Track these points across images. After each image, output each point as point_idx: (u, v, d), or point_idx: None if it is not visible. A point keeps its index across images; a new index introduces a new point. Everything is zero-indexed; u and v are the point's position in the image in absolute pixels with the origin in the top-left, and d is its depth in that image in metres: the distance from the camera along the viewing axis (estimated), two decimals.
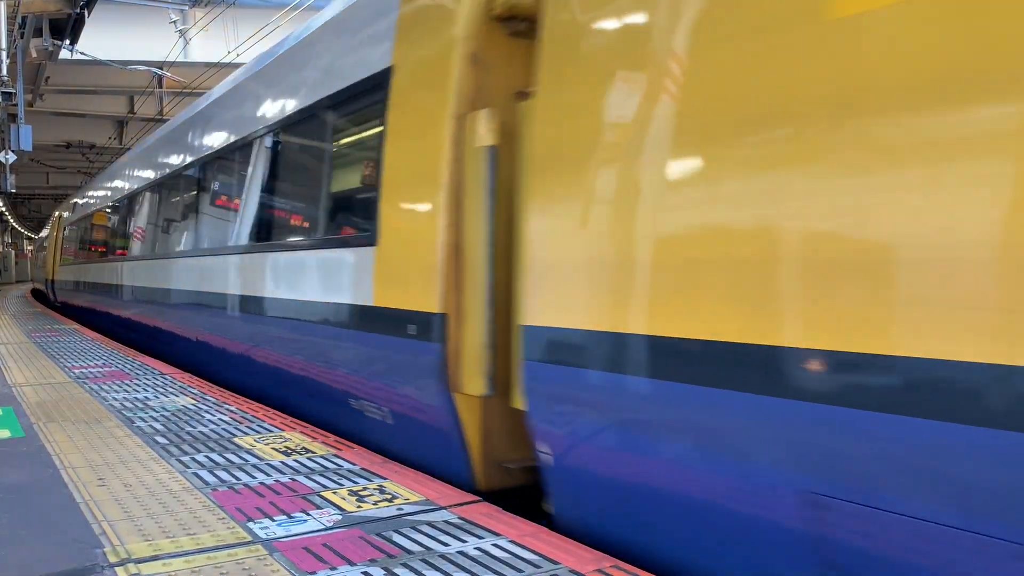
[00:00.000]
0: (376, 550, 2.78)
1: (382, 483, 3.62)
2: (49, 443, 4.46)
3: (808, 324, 2.16)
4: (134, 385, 6.72)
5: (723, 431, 2.47)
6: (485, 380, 3.57)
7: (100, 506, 3.29)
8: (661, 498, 2.77)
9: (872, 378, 2.03)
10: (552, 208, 3.10)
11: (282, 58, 6.16)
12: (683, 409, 2.59)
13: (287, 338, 5.48)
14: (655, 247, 2.66)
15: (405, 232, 4.01)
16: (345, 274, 4.63)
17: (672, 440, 2.66)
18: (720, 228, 2.43)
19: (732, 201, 2.37)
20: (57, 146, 27.00)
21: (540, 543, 2.83)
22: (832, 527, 2.18)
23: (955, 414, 1.87)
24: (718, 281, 2.43)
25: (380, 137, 4.33)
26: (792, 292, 2.21)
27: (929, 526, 1.95)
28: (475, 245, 3.60)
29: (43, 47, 15.78)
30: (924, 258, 1.92)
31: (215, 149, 7.55)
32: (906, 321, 1.94)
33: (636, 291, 2.73)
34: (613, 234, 2.82)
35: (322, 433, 4.73)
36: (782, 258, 2.24)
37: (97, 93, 23.74)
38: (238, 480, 3.69)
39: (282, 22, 15.44)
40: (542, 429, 3.26)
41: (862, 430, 2.05)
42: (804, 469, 2.23)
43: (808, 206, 2.18)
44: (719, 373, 2.44)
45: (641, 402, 2.73)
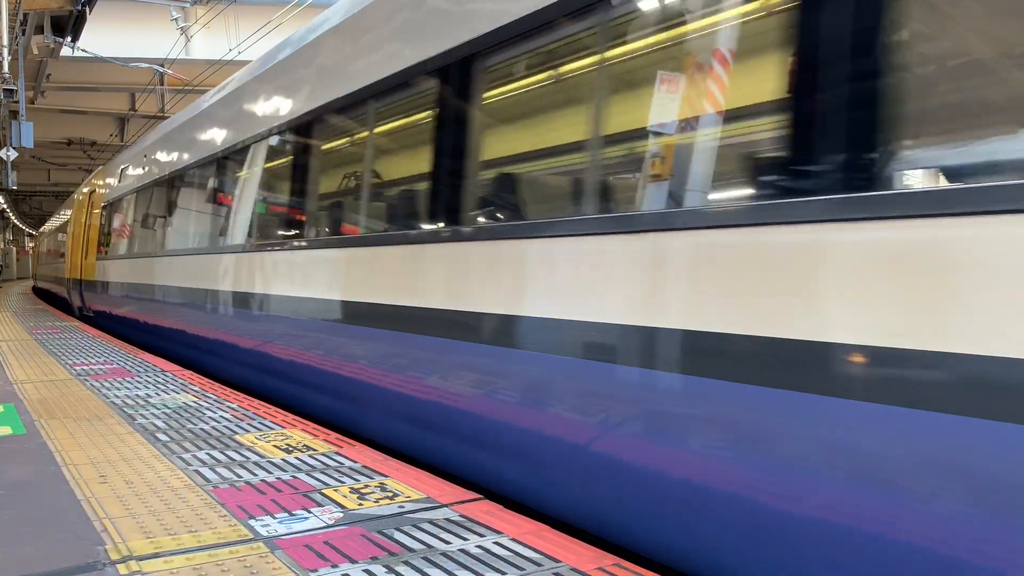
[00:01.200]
0: (377, 548, 2.78)
1: (383, 480, 3.62)
2: (50, 440, 4.47)
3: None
4: (135, 382, 6.72)
5: None
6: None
7: (102, 503, 3.29)
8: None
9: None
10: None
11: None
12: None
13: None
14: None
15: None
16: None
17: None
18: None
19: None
20: (58, 143, 26.99)
21: (541, 541, 2.83)
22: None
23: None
24: None
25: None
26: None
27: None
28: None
29: (45, 44, 15.78)
30: None
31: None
32: None
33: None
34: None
35: (323, 430, 4.73)
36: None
37: (98, 90, 23.73)
38: (239, 477, 3.70)
39: (284, 19, 15.42)
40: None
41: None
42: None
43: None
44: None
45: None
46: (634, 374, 3.08)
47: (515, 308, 3.74)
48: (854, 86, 2.43)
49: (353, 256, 5.32)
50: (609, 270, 3.23)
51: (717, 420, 2.73)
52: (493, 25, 4.02)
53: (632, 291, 3.11)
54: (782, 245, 2.56)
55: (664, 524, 2.98)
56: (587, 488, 3.34)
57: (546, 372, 3.53)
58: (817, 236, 2.46)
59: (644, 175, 3.27)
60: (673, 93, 3.16)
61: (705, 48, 3.04)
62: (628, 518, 3.15)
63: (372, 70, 5.21)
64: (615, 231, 3.23)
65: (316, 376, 5.73)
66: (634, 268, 3.11)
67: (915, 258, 2.21)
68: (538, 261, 3.63)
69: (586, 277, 3.35)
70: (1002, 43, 2.26)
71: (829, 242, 2.43)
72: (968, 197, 2.11)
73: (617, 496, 3.17)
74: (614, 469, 3.17)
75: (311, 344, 5.82)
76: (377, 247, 5.05)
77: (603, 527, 3.32)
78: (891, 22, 2.34)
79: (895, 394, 2.21)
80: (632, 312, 3.10)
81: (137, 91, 23.64)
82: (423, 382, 4.40)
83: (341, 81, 5.65)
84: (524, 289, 3.69)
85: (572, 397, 3.39)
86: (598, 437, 3.24)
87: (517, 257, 3.75)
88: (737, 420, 2.66)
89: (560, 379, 3.46)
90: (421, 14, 4.71)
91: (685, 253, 2.91)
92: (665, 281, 2.97)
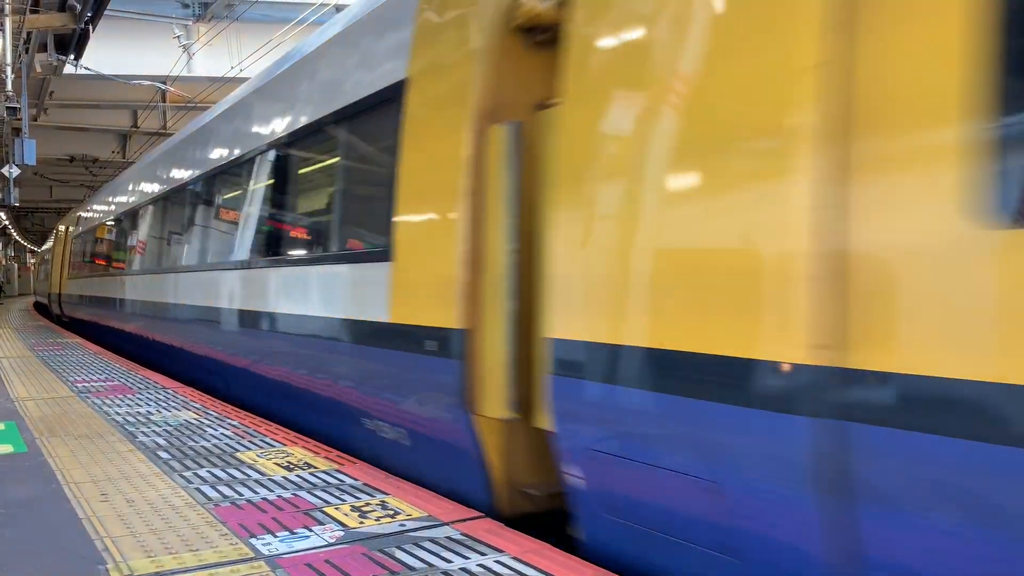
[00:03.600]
0: (378, 566, 2.78)
1: (384, 498, 3.62)
2: (52, 458, 4.46)
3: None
4: (136, 399, 6.73)
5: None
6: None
7: (103, 521, 3.29)
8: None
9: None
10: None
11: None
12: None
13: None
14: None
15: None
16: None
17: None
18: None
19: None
20: (61, 160, 27.10)
21: (543, 560, 2.82)
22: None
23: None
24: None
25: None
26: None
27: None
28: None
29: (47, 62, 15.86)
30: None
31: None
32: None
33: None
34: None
35: (324, 448, 4.73)
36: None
37: (101, 107, 23.84)
38: (240, 495, 3.69)
39: (285, 37, 15.53)
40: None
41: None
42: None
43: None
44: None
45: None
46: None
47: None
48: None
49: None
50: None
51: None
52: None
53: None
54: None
55: None
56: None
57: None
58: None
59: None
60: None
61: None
62: None
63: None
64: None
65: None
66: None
67: None
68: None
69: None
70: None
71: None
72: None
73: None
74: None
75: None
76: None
77: None
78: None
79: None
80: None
81: (139, 108, 23.75)
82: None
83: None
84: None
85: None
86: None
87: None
88: None
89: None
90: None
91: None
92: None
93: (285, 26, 16.38)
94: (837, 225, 2.16)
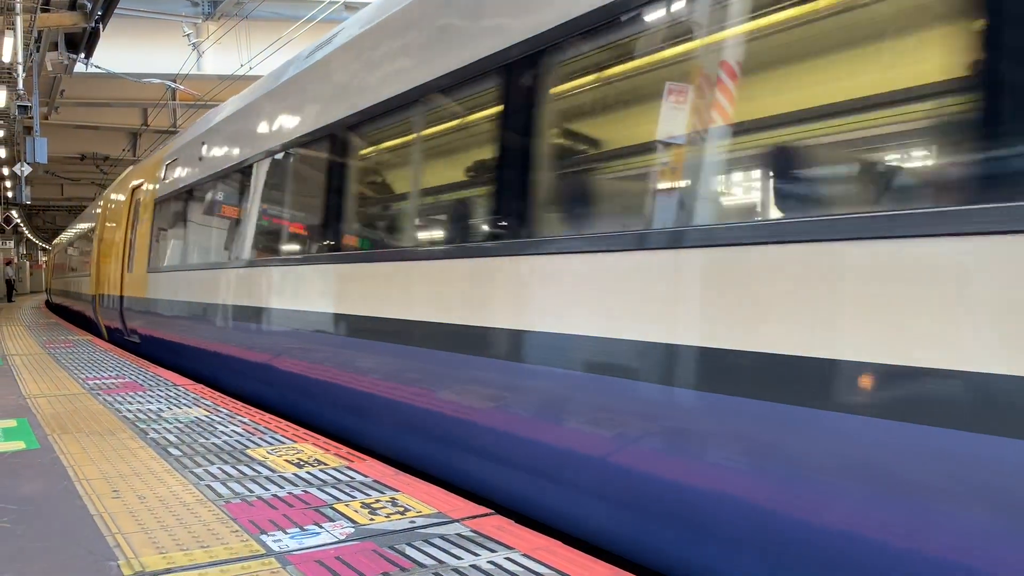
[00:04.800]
0: (389, 563, 2.78)
1: (394, 495, 3.62)
2: (63, 455, 4.49)
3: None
4: (147, 396, 6.75)
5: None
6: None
7: (114, 518, 3.30)
8: None
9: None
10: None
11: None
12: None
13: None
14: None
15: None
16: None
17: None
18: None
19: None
20: (72, 158, 27.23)
21: (553, 557, 2.82)
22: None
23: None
24: None
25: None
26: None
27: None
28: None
29: (58, 60, 15.93)
30: None
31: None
32: None
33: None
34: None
35: (334, 445, 4.73)
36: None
37: (111, 106, 23.96)
38: (251, 492, 3.70)
39: (295, 35, 15.54)
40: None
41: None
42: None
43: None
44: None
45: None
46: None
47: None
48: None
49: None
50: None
51: None
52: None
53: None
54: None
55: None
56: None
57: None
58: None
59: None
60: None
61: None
62: None
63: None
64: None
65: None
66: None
67: None
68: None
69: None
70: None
71: None
72: None
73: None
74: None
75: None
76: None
77: None
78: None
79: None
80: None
81: (149, 106, 23.86)
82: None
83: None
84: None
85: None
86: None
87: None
88: None
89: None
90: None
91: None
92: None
93: (294, 23, 16.38)
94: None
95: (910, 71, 2.55)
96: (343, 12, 15.26)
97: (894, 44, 2.57)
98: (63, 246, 29.09)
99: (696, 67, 3.12)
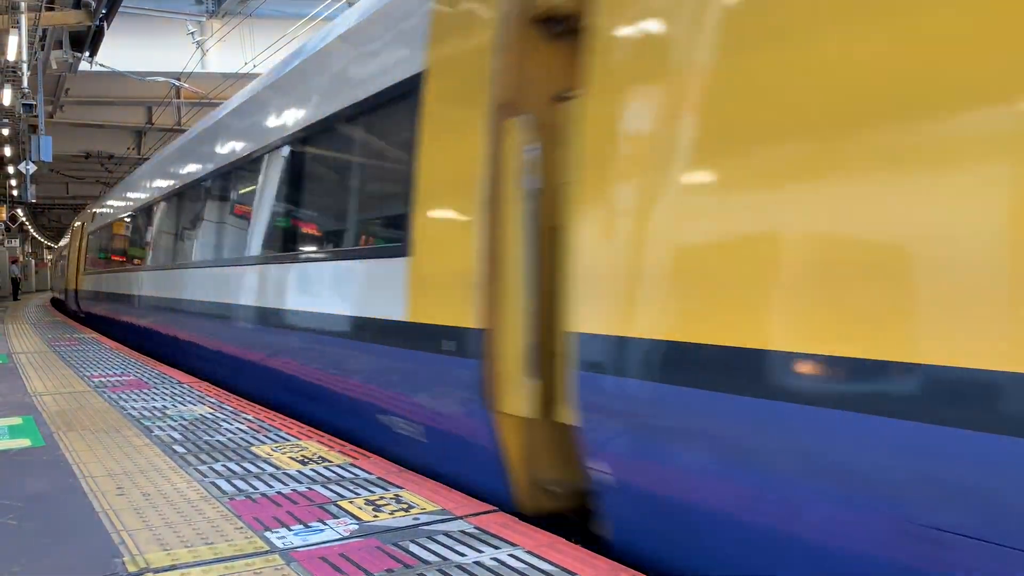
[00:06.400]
0: (392, 560, 2.78)
1: (398, 492, 3.63)
2: (69, 452, 4.50)
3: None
4: (152, 394, 6.77)
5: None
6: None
7: (119, 515, 3.31)
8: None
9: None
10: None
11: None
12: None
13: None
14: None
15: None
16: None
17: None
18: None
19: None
20: (76, 156, 27.28)
21: (557, 554, 2.82)
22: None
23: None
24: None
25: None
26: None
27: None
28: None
29: (63, 59, 15.96)
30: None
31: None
32: None
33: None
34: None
35: (339, 442, 4.74)
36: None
37: (115, 104, 24.00)
38: (255, 489, 3.71)
39: (299, 32, 15.55)
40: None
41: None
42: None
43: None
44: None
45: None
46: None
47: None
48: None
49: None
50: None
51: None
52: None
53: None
54: None
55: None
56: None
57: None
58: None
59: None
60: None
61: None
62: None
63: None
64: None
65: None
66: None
67: None
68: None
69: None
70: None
71: None
72: None
73: None
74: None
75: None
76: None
77: None
78: None
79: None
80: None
81: (154, 104, 23.88)
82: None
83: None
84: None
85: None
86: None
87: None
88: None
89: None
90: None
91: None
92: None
93: (298, 21, 16.40)
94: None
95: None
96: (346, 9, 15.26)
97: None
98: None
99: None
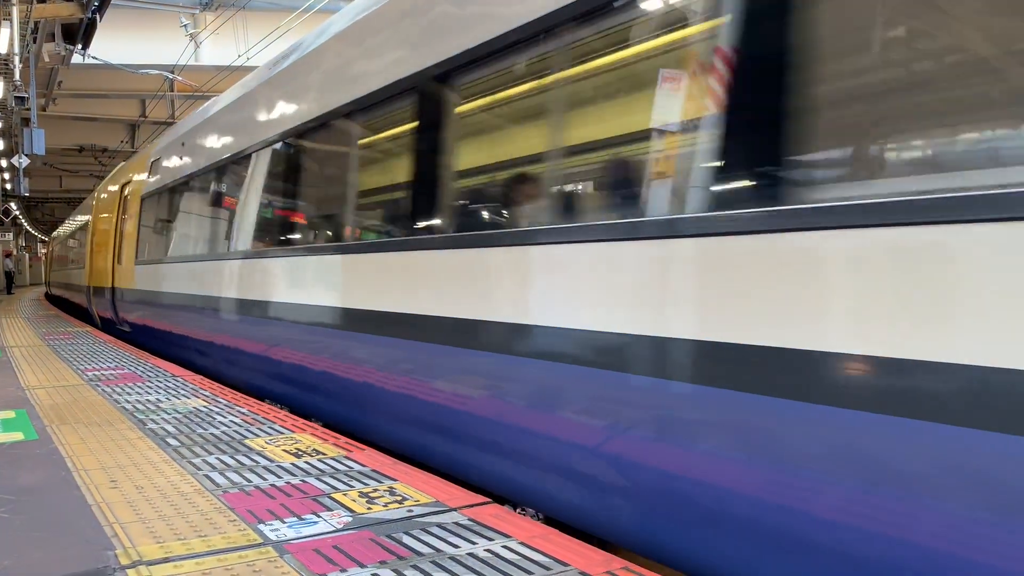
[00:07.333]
0: (386, 552, 2.78)
1: (392, 484, 3.63)
2: (62, 445, 4.49)
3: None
4: (146, 387, 6.76)
5: None
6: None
7: (112, 508, 3.31)
8: None
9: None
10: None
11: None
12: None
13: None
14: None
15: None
16: None
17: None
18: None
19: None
20: (70, 150, 27.18)
21: (550, 545, 2.83)
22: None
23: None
24: None
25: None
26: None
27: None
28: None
29: (56, 52, 15.88)
30: None
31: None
32: None
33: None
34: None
35: (332, 435, 4.74)
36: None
37: (109, 97, 23.90)
38: (249, 482, 3.71)
39: (293, 25, 15.49)
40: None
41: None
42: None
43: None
44: None
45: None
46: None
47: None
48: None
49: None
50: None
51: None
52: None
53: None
54: None
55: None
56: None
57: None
58: None
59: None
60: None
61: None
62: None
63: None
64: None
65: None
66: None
67: None
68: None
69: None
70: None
71: None
72: None
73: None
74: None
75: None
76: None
77: None
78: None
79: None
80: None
81: (147, 97, 23.80)
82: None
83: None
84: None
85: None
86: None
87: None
88: None
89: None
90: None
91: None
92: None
93: (292, 13, 16.33)
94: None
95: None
96: (339, 2, 15.21)
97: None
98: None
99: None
